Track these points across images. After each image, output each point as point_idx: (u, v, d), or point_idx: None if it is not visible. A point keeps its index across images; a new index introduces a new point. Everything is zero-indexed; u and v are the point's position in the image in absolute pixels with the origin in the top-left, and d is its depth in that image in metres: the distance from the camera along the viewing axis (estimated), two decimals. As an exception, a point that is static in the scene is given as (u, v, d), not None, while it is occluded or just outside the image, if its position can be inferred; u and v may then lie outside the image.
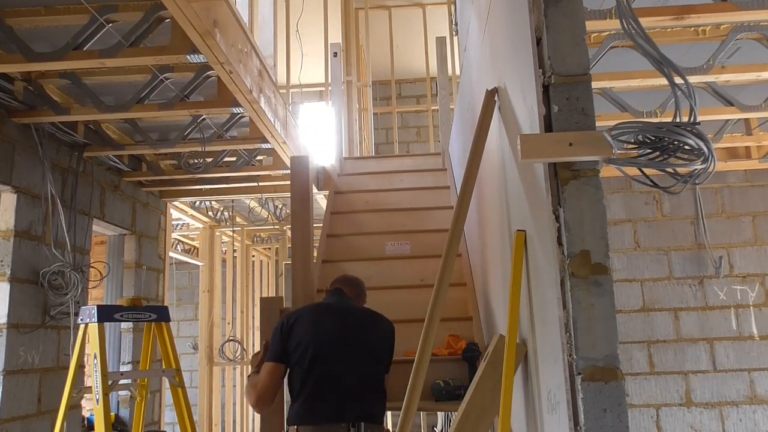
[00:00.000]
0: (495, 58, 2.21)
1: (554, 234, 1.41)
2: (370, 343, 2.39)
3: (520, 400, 1.92)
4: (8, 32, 2.58)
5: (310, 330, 2.32)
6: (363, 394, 2.29)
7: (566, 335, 1.36)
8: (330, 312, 2.46)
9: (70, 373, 2.83)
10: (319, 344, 2.28)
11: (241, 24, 2.81)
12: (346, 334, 2.38)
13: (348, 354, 2.32)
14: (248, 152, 4.23)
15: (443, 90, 5.41)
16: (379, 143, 8.36)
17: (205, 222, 6.50)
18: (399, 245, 4.16)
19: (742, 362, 4.02)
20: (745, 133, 3.86)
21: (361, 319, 2.47)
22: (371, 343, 2.40)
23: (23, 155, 3.32)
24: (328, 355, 2.28)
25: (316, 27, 6.18)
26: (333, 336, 2.33)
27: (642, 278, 4.15)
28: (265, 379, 2.27)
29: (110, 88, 3.31)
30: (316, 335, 2.30)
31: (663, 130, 1.31)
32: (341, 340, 2.34)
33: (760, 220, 4.18)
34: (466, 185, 2.07)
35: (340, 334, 2.35)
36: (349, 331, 2.39)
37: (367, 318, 2.49)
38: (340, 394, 2.24)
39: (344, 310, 2.49)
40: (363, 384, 2.30)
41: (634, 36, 1.39)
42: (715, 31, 2.73)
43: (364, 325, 2.45)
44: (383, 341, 2.45)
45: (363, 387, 2.30)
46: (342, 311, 2.48)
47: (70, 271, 3.53)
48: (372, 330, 2.44)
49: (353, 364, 2.31)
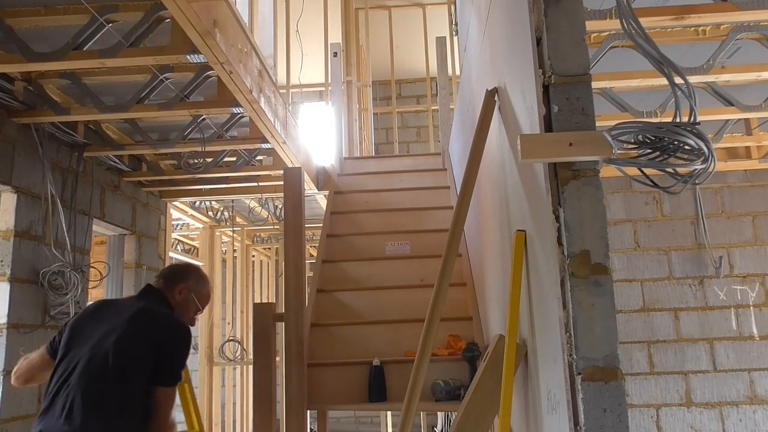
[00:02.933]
0: (495, 58, 2.21)
1: (554, 234, 1.41)
2: (116, 347, 1.85)
3: (520, 400, 1.92)
4: (8, 32, 2.58)
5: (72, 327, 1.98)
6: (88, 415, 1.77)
7: (566, 335, 1.36)
8: (99, 309, 2.04)
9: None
10: (66, 340, 1.94)
11: (241, 24, 2.81)
12: (93, 332, 1.92)
13: (82, 356, 1.86)
14: (248, 152, 4.23)
15: (443, 90, 5.42)
16: (379, 143, 8.36)
17: (205, 222, 6.50)
18: (399, 245, 4.17)
19: (742, 362, 4.02)
20: (745, 133, 3.86)
21: (120, 315, 1.96)
22: (119, 346, 1.86)
23: (23, 155, 3.32)
24: (65, 354, 1.91)
25: (316, 27, 6.18)
26: (81, 334, 1.94)
27: (642, 278, 4.15)
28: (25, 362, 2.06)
29: (110, 88, 3.31)
30: (69, 333, 1.96)
31: (663, 130, 1.31)
32: (86, 339, 1.91)
33: (760, 220, 4.18)
34: (466, 185, 2.07)
35: (87, 333, 1.93)
36: (97, 329, 1.93)
37: (128, 313, 1.95)
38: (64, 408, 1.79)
39: (115, 307, 2.03)
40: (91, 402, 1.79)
41: (634, 36, 1.39)
42: (715, 31, 2.73)
43: (117, 321, 1.93)
44: (140, 345, 1.89)
45: (91, 406, 1.79)
46: (113, 308, 2.03)
47: (70, 271, 3.53)
48: (126, 327, 1.89)
49: (85, 371, 1.83)
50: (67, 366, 1.87)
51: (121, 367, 1.84)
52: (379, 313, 3.68)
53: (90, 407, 1.77)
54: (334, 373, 3.31)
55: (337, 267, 4.06)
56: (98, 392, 1.80)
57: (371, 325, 3.57)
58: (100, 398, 1.79)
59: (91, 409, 1.78)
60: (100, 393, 1.80)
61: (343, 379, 3.30)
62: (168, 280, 2.13)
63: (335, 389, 3.27)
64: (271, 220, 6.61)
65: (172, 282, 2.12)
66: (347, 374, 3.30)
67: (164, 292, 2.10)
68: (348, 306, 3.77)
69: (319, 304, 3.80)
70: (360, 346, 3.48)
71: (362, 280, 3.97)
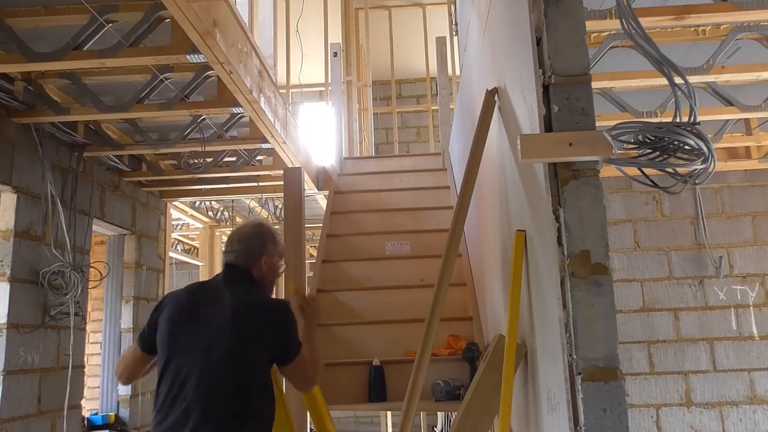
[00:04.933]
0: (495, 58, 2.21)
1: (554, 234, 1.41)
2: (229, 356, 1.80)
3: (520, 400, 1.92)
4: (8, 32, 2.58)
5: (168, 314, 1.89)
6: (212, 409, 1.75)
7: (566, 335, 1.36)
8: (194, 303, 1.92)
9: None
10: (167, 341, 1.85)
11: (241, 24, 2.81)
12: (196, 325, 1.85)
13: (196, 350, 1.80)
14: (248, 152, 4.23)
15: (443, 90, 5.42)
16: (379, 143, 8.36)
17: (205, 222, 6.50)
18: (399, 245, 4.16)
19: (742, 362, 4.02)
20: (745, 133, 3.86)
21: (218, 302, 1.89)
22: (231, 356, 1.80)
23: (23, 155, 3.32)
24: (176, 352, 1.83)
25: (316, 27, 6.18)
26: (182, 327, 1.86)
27: (642, 278, 4.15)
28: (125, 355, 2.01)
29: (110, 88, 3.30)
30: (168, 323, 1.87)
31: (663, 130, 1.31)
32: (191, 333, 1.84)
33: (760, 220, 4.18)
34: (466, 185, 2.07)
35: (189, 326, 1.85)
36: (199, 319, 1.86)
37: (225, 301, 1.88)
38: (183, 409, 1.75)
39: (209, 300, 1.91)
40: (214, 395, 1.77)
41: (634, 36, 1.39)
42: (715, 31, 2.73)
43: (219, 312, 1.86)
44: (252, 348, 1.84)
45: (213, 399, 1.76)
46: (208, 301, 1.91)
47: (70, 271, 3.53)
48: (232, 332, 1.82)
49: (202, 365, 1.78)
50: (176, 376, 1.79)
51: (237, 374, 1.80)
52: (379, 313, 3.68)
53: (211, 422, 1.74)
54: (334, 373, 3.30)
55: (337, 267, 4.06)
56: (218, 406, 1.76)
57: (371, 325, 3.57)
58: (219, 411, 1.75)
59: (214, 423, 1.74)
60: (219, 407, 1.76)
61: (343, 379, 3.30)
62: (248, 255, 1.98)
63: (335, 389, 3.27)
64: (271, 220, 6.61)
65: (252, 257, 1.98)
66: (347, 374, 3.30)
67: (248, 269, 1.98)
68: (348, 306, 3.77)
69: (319, 304, 3.79)
70: (360, 346, 3.48)
71: (362, 280, 3.96)
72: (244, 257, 1.98)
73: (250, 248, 1.99)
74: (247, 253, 1.98)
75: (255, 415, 1.80)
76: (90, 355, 5.30)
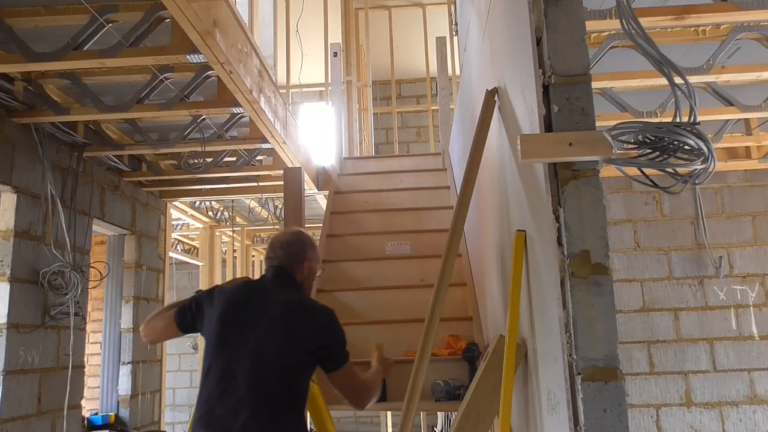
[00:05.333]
0: (495, 58, 2.21)
1: (554, 234, 1.41)
2: (280, 353, 1.89)
3: (520, 400, 1.92)
4: (8, 32, 2.58)
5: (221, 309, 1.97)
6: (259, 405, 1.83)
7: (566, 335, 1.36)
8: (246, 301, 2.01)
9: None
10: (217, 333, 1.93)
11: (241, 24, 2.81)
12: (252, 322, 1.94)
13: (247, 350, 1.88)
14: (248, 152, 4.23)
15: (443, 90, 5.41)
16: (379, 143, 8.36)
17: (205, 222, 6.50)
18: (399, 245, 4.16)
19: (742, 362, 4.02)
20: (745, 133, 3.86)
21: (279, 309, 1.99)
22: (282, 355, 1.90)
23: (23, 155, 3.32)
24: (227, 346, 1.91)
25: (316, 27, 6.18)
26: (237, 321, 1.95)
27: (642, 278, 4.15)
28: (158, 319, 2.09)
29: (110, 88, 3.31)
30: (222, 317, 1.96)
31: (663, 130, 1.31)
32: (245, 329, 1.93)
33: (760, 220, 4.18)
34: (466, 185, 2.07)
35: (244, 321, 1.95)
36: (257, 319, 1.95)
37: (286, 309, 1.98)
38: (235, 400, 1.83)
39: (260, 299, 2.02)
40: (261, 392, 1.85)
41: (634, 36, 1.39)
42: (715, 31, 2.73)
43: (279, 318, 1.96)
44: (301, 350, 1.94)
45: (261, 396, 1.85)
46: (258, 300, 2.01)
47: (70, 271, 3.53)
48: (283, 332, 1.93)
49: (251, 363, 1.87)
50: (224, 370, 1.87)
51: (285, 373, 1.90)
52: (379, 313, 3.68)
53: (260, 419, 1.81)
54: (334, 373, 3.30)
55: (337, 267, 4.06)
56: (267, 403, 1.84)
57: (371, 325, 3.57)
58: (268, 408, 1.84)
59: (262, 420, 1.82)
60: (268, 403, 1.84)
61: (343, 379, 3.29)
62: (291, 260, 2.10)
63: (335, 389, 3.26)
64: (271, 220, 6.61)
65: (295, 262, 2.11)
66: (347, 374, 3.29)
67: (293, 273, 2.10)
68: (348, 306, 3.77)
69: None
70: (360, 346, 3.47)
71: (362, 280, 3.96)
72: (288, 262, 2.10)
73: (292, 254, 2.11)
74: (290, 258, 2.10)
75: (298, 413, 1.91)
76: (90, 355, 5.30)
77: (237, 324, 1.94)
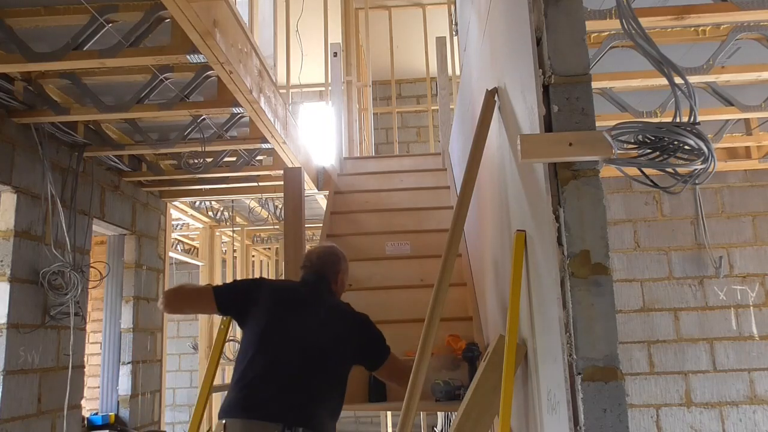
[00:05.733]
0: (495, 58, 2.21)
1: (554, 234, 1.41)
2: (330, 349, 2.16)
3: (520, 400, 1.92)
4: (8, 32, 2.58)
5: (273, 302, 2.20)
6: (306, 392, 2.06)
7: (566, 335, 1.36)
8: (293, 301, 2.27)
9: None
10: (263, 326, 2.13)
11: (241, 24, 2.81)
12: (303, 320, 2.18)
13: (298, 343, 2.11)
14: (248, 152, 4.23)
15: (443, 90, 5.41)
16: (379, 143, 8.36)
17: (205, 222, 6.50)
18: (399, 245, 4.16)
19: (742, 362, 4.02)
20: (745, 133, 3.86)
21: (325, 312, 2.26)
22: (330, 354, 2.15)
23: (23, 155, 3.32)
24: (276, 339, 2.11)
25: (316, 27, 6.18)
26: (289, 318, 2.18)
27: (642, 278, 4.15)
28: (192, 290, 2.28)
29: (110, 88, 3.31)
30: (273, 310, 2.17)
31: (663, 130, 1.31)
32: (295, 326, 2.16)
33: (760, 220, 4.18)
34: (466, 185, 2.07)
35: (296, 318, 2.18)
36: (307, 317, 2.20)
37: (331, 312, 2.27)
38: (279, 386, 2.03)
39: (306, 301, 2.28)
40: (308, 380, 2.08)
41: (634, 36, 1.39)
42: (715, 31, 2.73)
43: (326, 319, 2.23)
44: (345, 351, 2.21)
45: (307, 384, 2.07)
46: (304, 302, 2.27)
47: (70, 271, 3.53)
48: (330, 332, 2.20)
49: (301, 354, 2.10)
50: (271, 360, 2.06)
51: (328, 367, 2.12)
52: (378, 313, 3.65)
53: (302, 407, 2.01)
54: (334, 373, 3.30)
55: (337, 267, 4.05)
56: (309, 393, 2.04)
57: (371, 325, 3.56)
58: (311, 398, 2.04)
59: (304, 408, 2.02)
60: (311, 396, 2.04)
61: (343, 379, 3.29)
62: (328, 271, 2.37)
63: (335, 389, 3.26)
64: (271, 220, 6.61)
65: (331, 272, 2.38)
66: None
67: (329, 282, 2.36)
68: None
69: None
70: (360, 346, 3.47)
71: (362, 280, 3.96)
72: (325, 272, 2.36)
73: (329, 265, 2.38)
74: (327, 269, 2.37)
75: (336, 405, 2.13)
76: (90, 355, 5.31)
77: (287, 319, 2.14)
